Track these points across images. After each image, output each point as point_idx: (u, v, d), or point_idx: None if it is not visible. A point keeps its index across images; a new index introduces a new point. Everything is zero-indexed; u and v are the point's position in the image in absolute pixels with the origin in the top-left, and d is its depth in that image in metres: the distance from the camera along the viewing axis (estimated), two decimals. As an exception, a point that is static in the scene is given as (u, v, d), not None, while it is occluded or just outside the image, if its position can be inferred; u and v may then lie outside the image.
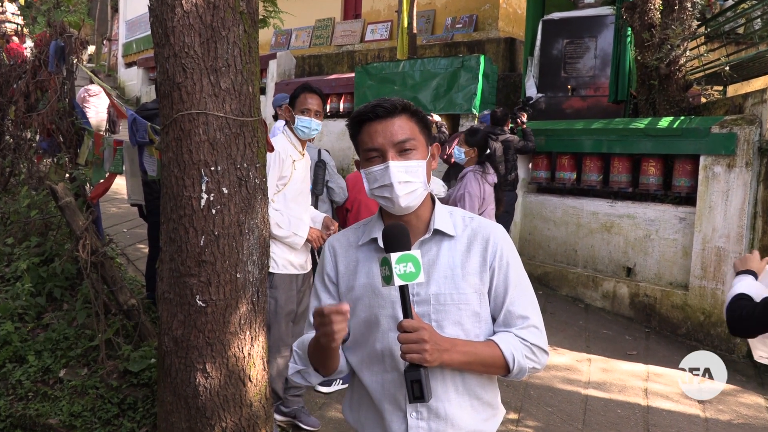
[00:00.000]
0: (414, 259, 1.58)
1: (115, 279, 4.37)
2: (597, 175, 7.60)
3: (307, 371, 1.82)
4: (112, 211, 9.05)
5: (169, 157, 2.85)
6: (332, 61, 14.17)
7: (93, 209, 4.69)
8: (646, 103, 7.87)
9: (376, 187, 1.73)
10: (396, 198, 1.70)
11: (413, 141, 1.72)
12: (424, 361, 1.57)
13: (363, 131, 1.74)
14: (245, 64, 2.86)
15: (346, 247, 1.86)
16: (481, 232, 1.78)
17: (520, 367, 1.72)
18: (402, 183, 1.69)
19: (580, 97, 9.29)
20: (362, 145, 1.75)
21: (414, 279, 1.58)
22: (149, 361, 4.06)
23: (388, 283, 1.58)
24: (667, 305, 6.63)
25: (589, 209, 7.50)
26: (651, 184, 7.06)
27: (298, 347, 1.86)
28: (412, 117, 1.75)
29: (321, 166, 4.69)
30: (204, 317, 2.87)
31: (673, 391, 5.16)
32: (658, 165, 7.02)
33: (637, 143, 7.07)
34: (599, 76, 9.07)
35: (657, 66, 7.47)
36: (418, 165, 1.72)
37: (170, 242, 2.90)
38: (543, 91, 9.50)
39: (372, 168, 1.72)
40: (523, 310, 1.75)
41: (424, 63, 10.11)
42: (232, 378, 2.94)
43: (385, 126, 1.71)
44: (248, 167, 2.91)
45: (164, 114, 2.85)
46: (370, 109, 1.73)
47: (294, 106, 3.89)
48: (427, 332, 1.58)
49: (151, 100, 5.50)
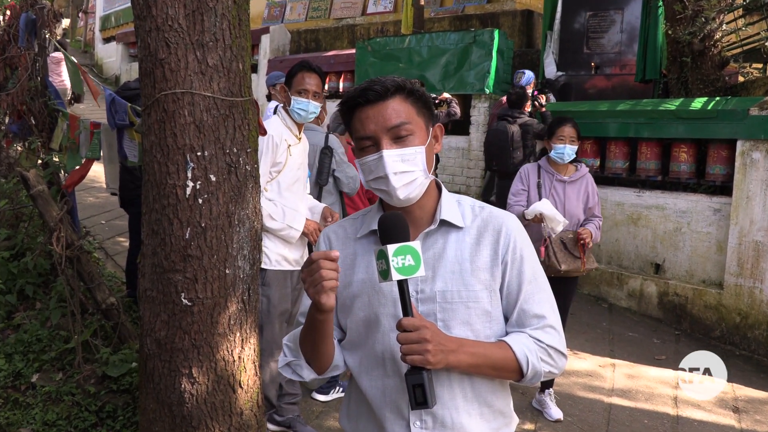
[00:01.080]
0: (413, 250, 1.58)
1: (93, 275, 4.38)
2: (623, 161, 7.58)
3: (298, 363, 1.81)
4: (89, 201, 9.07)
5: (152, 141, 2.85)
6: (331, 35, 14.14)
7: (68, 198, 4.70)
8: (678, 83, 7.84)
9: (372, 178, 1.72)
10: (393, 190, 1.69)
11: (409, 125, 1.70)
12: (427, 362, 1.57)
13: (354, 117, 1.73)
14: (235, 39, 2.86)
15: (344, 239, 1.86)
16: (492, 223, 1.77)
17: (534, 370, 1.71)
18: (398, 174, 1.68)
19: (604, 75, 9.26)
20: (354, 132, 1.74)
21: (414, 273, 1.57)
22: (130, 366, 4.09)
23: (385, 278, 1.57)
24: (700, 305, 6.63)
25: (614, 199, 7.49)
26: (682, 172, 7.05)
27: (289, 340, 1.86)
28: (407, 98, 1.72)
29: (327, 153, 4.67)
30: (190, 317, 2.88)
31: (705, 400, 5.17)
32: (691, 151, 7.00)
33: (667, 127, 7.05)
34: (626, 52, 9.03)
35: (690, 41, 7.44)
36: (415, 152, 1.70)
37: (153, 235, 2.91)
38: (563, 69, 9.47)
39: (366, 158, 1.71)
40: (539, 309, 1.75)
41: (432, 38, 10.08)
42: (220, 384, 2.96)
43: (377, 111, 1.69)
44: (238, 152, 2.91)
45: (146, 94, 2.85)
46: (360, 92, 1.71)
47: (290, 86, 3.89)
48: (430, 331, 1.58)
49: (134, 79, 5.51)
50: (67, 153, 4.96)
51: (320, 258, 1.56)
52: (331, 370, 1.82)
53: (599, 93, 9.13)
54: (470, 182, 9.62)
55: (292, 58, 12.61)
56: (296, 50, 14.28)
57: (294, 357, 1.83)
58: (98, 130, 4.75)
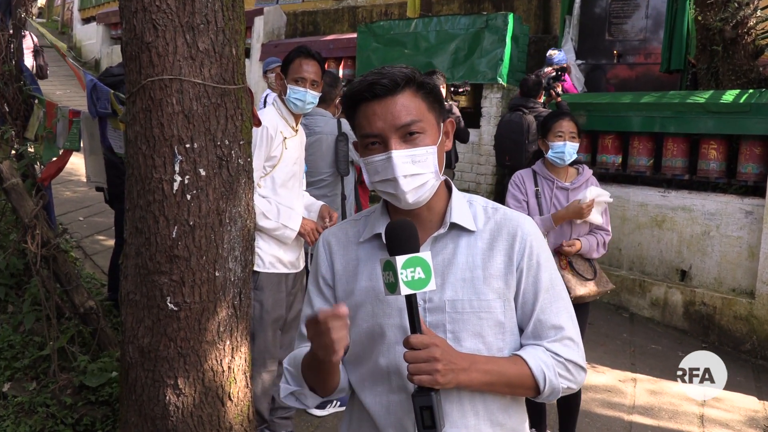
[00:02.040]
0: (423, 263, 1.57)
1: (70, 276, 4.39)
2: (647, 159, 7.58)
3: (302, 392, 1.82)
4: (67, 196, 9.08)
5: (136, 131, 2.86)
6: (330, 18, 14.14)
7: (44, 193, 4.70)
8: (708, 73, 7.83)
9: (378, 180, 1.71)
10: (402, 194, 1.69)
11: (420, 123, 1.69)
12: (436, 383, 1.57)
13: (359, 113, 1.72)
14: (228, 21, 2.86)
15: (345, 243, 1.86)
16: (507, 226, 1.77)
17: (552, 387, 1.71)
18: (408, 176, 1.67)
19: (627, 64, 9.26)
20: (359, 129, 1.73)
21: (423, 287, 1.57)
22: (110, 375, 4.09)
23: (393, 291, 1.57)
24: (729, 316, 6.63)
25: (637, 200, 7.49)
26: (711, 171, 7.04)
27: (290, 364, 1.85)
28: (418, 91, 1.71)
29: (343, 140, 4.70)
30: (176, 323, 2.89)
31: (734, 419, 5.16)
32: (721, 148, 7.00)
33: (695, 121, 7.05)
34: (651, 39, 9.03)
35: (721, 28, 7.43)
36: (426, 152, 1.69)
37: (137, 233, 2.91)
38: (583, 57, 9.47)
39: (372, 157, 1.70)
40: (557, 320, 1.75)
41: (440, 22, 10.08)
42: (208, 396, 2.96)
43: (385, 107, 1.68)
44: (230, 145, 2.91)
45: (131, 80, 2.86)
46: (366, 86, 1.69)
47: (287, 74, 3.89)
48: (440, 349, 1.58)
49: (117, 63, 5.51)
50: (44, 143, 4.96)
51: (328, 317, 1.53)
52: (337, 393, 1.82)
53: (621, 84, 9.13)
54: (480, 179, 9.62)
55: (288, 43, 12.62)
56: (292, 34, 14.28)
57: (297, 385, 1.82)
58: (78, 119, 4.75)
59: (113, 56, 17.56)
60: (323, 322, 1.54)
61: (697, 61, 8.09)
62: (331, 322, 1.53)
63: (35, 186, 4.74)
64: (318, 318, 1.54)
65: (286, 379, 1.86)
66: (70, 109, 4.91)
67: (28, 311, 4.51)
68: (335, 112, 4.98)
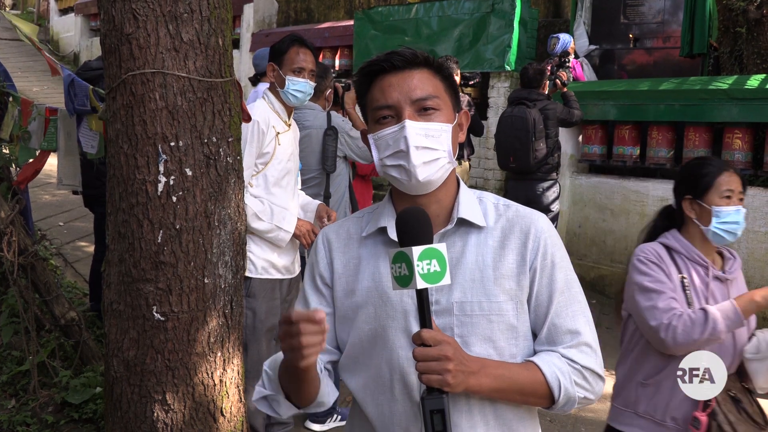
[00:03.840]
0: (439, 255, 1.55)
1: (50, 286, 4.39)
2: (667, 150, 7.57)
3: (276, 398, 1.80)
4: (45, 199, 9.09)
5: (117, 129, 2.86)
6: (325, 4, 14.14)
7: (20, 197, 4.70)
8: (731, 58, 7.82)
9: (388, 155, 1.72)
10: (413, 168, 1.68)
11: (437, 99, 1.72)
12: (446, 384, 1.55)
13: (374, 86, 1.75)
14: (213, 10, 2.86)
15: (345, 240, 1.86)
16: (520, 223, 1.77)
17: (567, 396, 1.71)
18: (420, 149, 1.68)
19: (644, 49, 9.23)
20: (372, 102, 1.75)
21: (439, 281, 1.55)
22: (94, 391, 4.09)
23: (405, 285, 1.55)
24: (758, 318, 6.61)
25: (657, 194, 7.47)
26: (737, 161, 7.02)
27: (269, 367, 1.84)
28: (436, 73, 1.75)
29: (331, 134, 4.70)
30: (163, 334, 2.89)
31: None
32: (746, 137, 6.99)
33: (718, 109, 7.04)
34: (669, 22, 9.01)
35: (745, 8, 7.42)
36: (441, 128, 1.71)
37: (119, 239, 2.91)
38: (597, 42, 9.46)
39: (383, 131, 1.71)
40: (573, 324, 1.75)
41: (443, 7, 10.07)
42: (199, 412, 2.96)
43: (402, 78, 1.71)
44: (218, 142, 2.91)
45: (110, 74, 2.86)
46: (384, 57, 1.73)
47: (281, 65, 3.88)
48: (452, 348, 1.57)
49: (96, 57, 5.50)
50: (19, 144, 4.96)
51: (301, 320, 1.51)
52: (315, 407, 1.80)
53: (639, 70, 9.11)
54: (488, 175, 9.61)
55: (280, 32, 12.61)
56: (284, 22, 14.28)
57: (272, 391, 1.80)
58: (55, 117, 4.75)
59: (93, 49, 17.56)
60: (295, 323, 1.52)
61: (719, 45, 8.07)
62: (304, 326, 1.52)
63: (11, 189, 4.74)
64: (291, 317, 1.53)
65: (262, 382, 1.84)
66: (46, 107, 4.91)
67: (6, 324, 4.52)
68: (325, 105, 4.97)
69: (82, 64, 5.50)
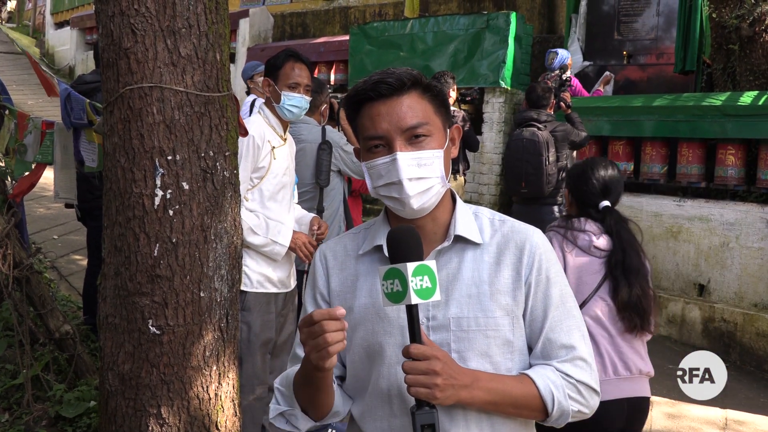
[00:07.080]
0: (430, 271, 1.58)
1: (45, 299, 4.38)
2: (660, 165, 7.60)
3: (293, 413, 1.82)
4: (40, 213, 9.07)
5: (114, 143, 2.86)
6: (320, 19, 14.18)
7: (16, 210, 4.70)
8: (724, 74, 7.87)
9: (381, 185, 1.73)
10: (406, 198, 1.70)
11: (427, 126, 1.72)
12: (433, 397, 1.57)
13: (362, 114, 1.75)
14: (211, 25, 2.88)
15: (342, 257, 1.87)
16: (515, 239, 1.78)
17: (561, 409, 1.72)
18: (413, 180, 1.69)
19: (638, 65, 9.29)
20: (362, 131, 1.75)
21: (430, 297, 1.57)
22: (88, 405, 4.07)
23: (397, 301, 1.57)
24: (751, 333, 6.63)
25: (651, 210, 7.50)
26: (730, 178, 7.06)
27: (282, 384, 1.86)
28: (424, 94, 1.75)
29: (325, 149, 4.72)
30: (158, 348, 2.88)
31: (758, 443, 5.16)
32: (739, 153, 7.02)
33: (711, 125, 7.07)
34: (663, 38, 9.08)
35: (737, 26, 7.47)
36: (433, 156, 1.72)
37: (115, 252, 2.91)
38: (591, 58, 9.51)
39: (375, 161, 1.72)
40: (567, 338, 1.76)
41: (438, 22, 10.12)
42: (194, 426, 2.95)
43: (390, 107, 1.71)
44: (215, 156, 2.92)
45: (108, 88, 2.86)
46: (371, 86, 1.72)
47: (276, 79, 3.90)
48: (440, 362, 1.58)
49: (90, 71, 5.51)
50: (15, 157, 4.96)
51: (323, 318, 1.54)
52: (331, 417, 1.83)
53: (632, 86, 9.16)
54: (483, 190, 9.63)
55: (276, 46, 12.65)
56: (280, 37, 14.32)
57: (288, 406, 1.83)
58: (51, 130, 4.75)
59: (89, 63, 17.54)
60: (318, 322, 1.55)
61: (712, 61, 8.13)
62: (327, 323, 1.54)
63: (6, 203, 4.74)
64: (313, 317, 1.55)
65: (276, 400, 1.87)
66: (43, 120, 4.91)
67: (0, 337, 4.50)
68: (320, 120, 4.99)
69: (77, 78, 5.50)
